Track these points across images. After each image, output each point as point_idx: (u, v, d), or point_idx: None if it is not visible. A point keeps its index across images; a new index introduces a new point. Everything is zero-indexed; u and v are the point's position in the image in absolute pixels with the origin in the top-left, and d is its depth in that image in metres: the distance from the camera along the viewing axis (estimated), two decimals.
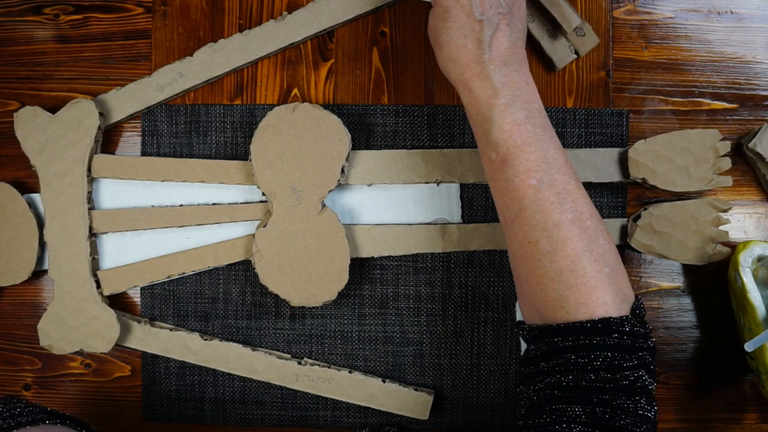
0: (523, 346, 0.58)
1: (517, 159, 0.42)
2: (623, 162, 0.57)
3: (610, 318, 0.40)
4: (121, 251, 0.58)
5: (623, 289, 0.42)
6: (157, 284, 0.59)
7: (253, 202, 0.58)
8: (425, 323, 0.59)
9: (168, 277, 0.57)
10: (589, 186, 0.59)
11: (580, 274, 0.40)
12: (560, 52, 0.58)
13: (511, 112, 0.42)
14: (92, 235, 0.57)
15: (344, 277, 0.55)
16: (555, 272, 0.41)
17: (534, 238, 0.42)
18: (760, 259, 0.53)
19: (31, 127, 0.55)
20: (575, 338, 0.40)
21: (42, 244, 0.57)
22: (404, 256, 0.58)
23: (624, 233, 0.57)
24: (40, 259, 0.57)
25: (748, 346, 0.51)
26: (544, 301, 0.42)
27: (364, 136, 0.59)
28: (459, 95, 0.46)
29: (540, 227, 0.41)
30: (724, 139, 0.57)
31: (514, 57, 0.44)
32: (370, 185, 0.57)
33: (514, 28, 0.45)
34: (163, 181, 0.57)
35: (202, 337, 0.58)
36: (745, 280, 0.53)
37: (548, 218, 0.41)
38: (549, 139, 0.43)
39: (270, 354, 0.58)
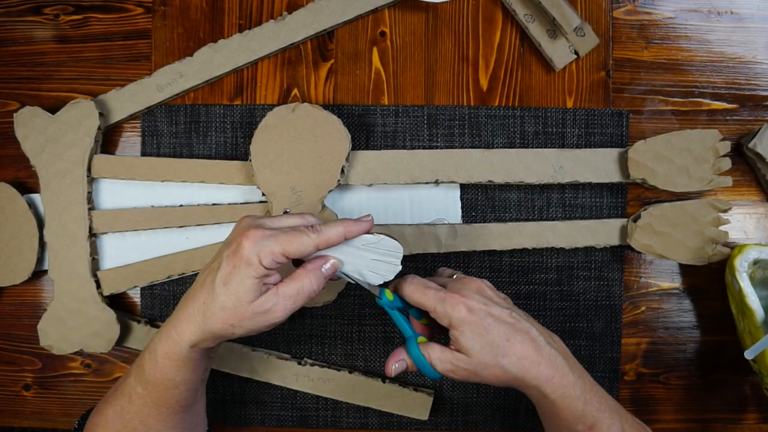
0: None
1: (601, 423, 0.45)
2: (623, 162, 0.57)
3: None
4: (121, 251, 0.58)
5: None
6: (157, 284, 0.59)
7: (253, 203, 0.57)
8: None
9: (168, 277, 0.57)
10: (589, 186, 0.59)
11: None
12: (560, 52, 0.58)
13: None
14: (92, 235, 0.57)
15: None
16: None
17: None
18: (756, 262, 0.53)
19: (31, 127, 0.55)
20: None
21: (42, 244, 0.57)
22: (404, 256, 0.58)
23: (624, 233, 0.57)
24: (40, 259, 0.57)
25: (748, 354, 0.51)
26: None
27: (364, 136, 0.59)
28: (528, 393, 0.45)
29: None
30: (724, 139, 0.57)
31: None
32: (370, 185, 0.57)
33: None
34: (163, 181, 0.57)
35: None
36: (742, 284, 0.52)
37: None
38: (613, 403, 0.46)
39: (270, 354, 0.58)
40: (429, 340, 0.48)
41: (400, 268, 0.46)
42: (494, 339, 0.43)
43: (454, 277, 0.49)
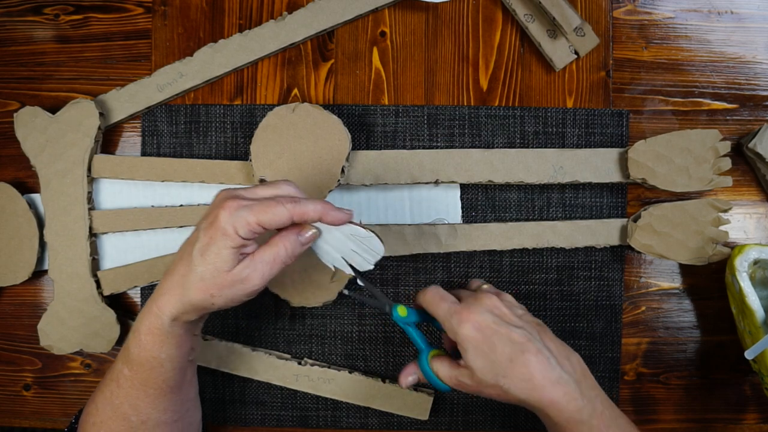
0: None
1: None
2: (623, 162, 0.57)
3: None
4: (121, 251, 0.58)
5: None
6: (157, 284, 0.59)
7: None
8: (425, 323, 0.59)
9: None
10: (589, 186, 0.59)
11: None
12: (560, 52, 0.58)
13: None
14: (92, 235, 0.57)
15: (344, 278, 0.55)
16: None
17: None
18: (756, 262, 0.53)
19: (31, 127, 0.55)
20: None
21: (42, 244, 0.57)
22: (404, 256, 0.58)
23: (624, 233, 0.57)
24: (40, 259, 0.57)
25: (748, 354, 0.51)
26: None
27: (364, 136, 0.59)
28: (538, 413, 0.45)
29: None
30: (724, 139, 0.57)
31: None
32: (370, 185, 0.57)
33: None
34: (163, 181, 0.57)
35: (202, 337, 0.58)
36: (742, 284, 0.52)
37: None
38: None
39: (270, 354, 0.58)
40: (451, 350, 0.48)
41: (371, 267, 0.47)
42: (497, 359, 0.43)
43: (484, 287, 0.49)
